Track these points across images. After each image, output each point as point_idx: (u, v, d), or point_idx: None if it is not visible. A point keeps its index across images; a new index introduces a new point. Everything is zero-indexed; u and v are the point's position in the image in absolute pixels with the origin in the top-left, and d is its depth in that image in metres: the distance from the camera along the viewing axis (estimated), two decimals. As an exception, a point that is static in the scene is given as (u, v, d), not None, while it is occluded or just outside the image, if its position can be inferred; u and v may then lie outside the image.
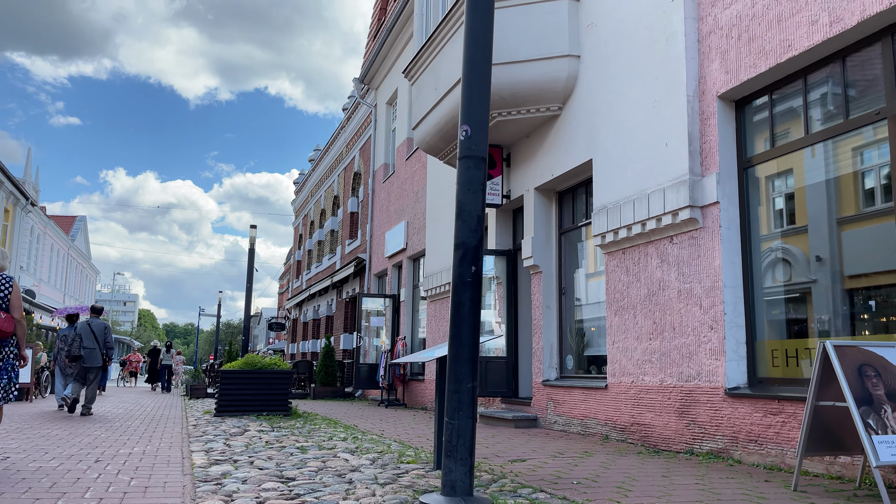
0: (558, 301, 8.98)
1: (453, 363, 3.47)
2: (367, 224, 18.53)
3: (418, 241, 14.13)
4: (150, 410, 11.96)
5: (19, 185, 25.99)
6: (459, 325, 3.48)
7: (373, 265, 17.58)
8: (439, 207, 12.61)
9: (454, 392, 3.43)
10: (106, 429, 8.18)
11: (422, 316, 14.40)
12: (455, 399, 3.42)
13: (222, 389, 10.31)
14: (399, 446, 6.54)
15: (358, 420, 10.01)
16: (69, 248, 50.85)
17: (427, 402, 12.80)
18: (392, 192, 16.33)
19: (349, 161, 21.29)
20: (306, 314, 26.67)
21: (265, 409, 10.36)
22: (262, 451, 6.05)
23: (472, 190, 3.54)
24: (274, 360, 10.75)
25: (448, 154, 10.38)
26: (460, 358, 3.46)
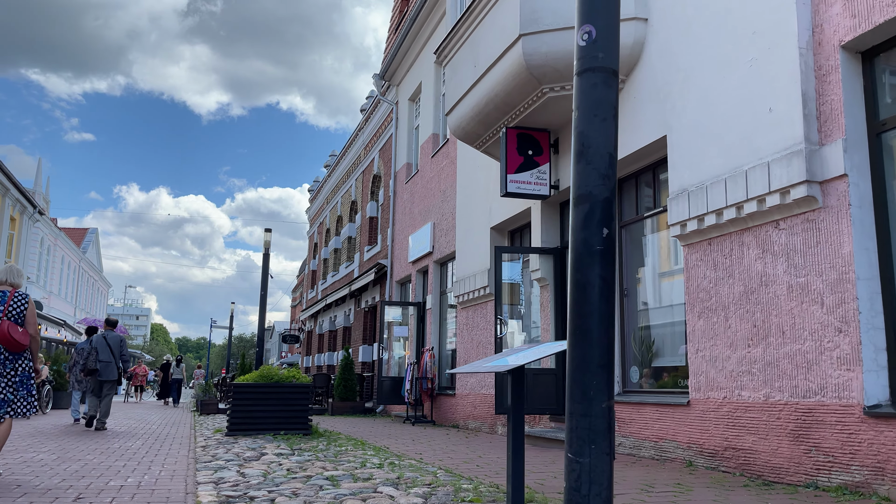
0: (619, 304, 7.82)
1: (577, 372, 2.35)
2: (388, 228, 17.45)
3: (446, 243, 13.03)
4: (156, 428, 10.87)
5: (26, 193, 25.18)
6: (585, 317, 2.35)
7: (395, 272, 16.48)
8: (471, 205, 11.50)
9: (581, 416, 2.30)
10: (102, 451, 7.08)
11: (451, 325, 13.27)
12: (583, 426, 2.29)
13: (235, 405, 9.21)
14: (449, 476, 5.39)
15: (387, 440, 8.86)
16: (80, 260, 50.16)
17: (458, 418, 11.63)
18: (416, 192, 15.26)
19: (368, 163, 20.26)
20: (322, 325, 25.58)
21: (283, 428, 9.23)
22: (283, 482, 4.92)
23: (601, 116, 2.42)
24: (292, 372, 9.65)
25: (487, 141, 9.29)
26: (588, 364, 2.33)
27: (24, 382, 5.29)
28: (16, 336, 5.20)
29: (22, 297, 5.40)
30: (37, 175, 39.69)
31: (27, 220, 26.56)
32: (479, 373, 10.62)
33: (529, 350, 4.28)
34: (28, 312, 5.38)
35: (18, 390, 5.24)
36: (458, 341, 11.88)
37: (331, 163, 26.99)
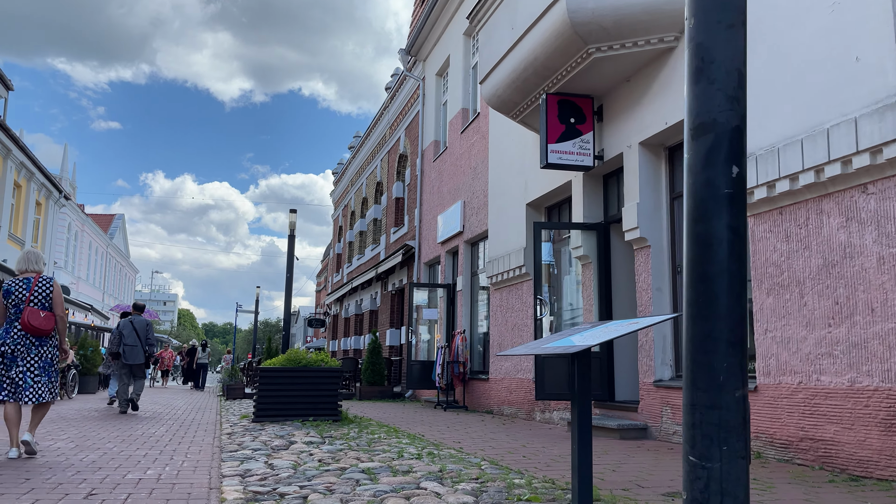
0: (671, 282, 7.25)
1: (700, 351, 1.82)
2: (415, 209, 16.95)
3: (478, 222, 12.50)
4: (181, 413, 10.56)
5: (52, 178, 25.10)
6: (710, 281, 1.82)
7: (422, 253, 16.00)
8: (505, 181, 10.94)
9: (708, 408, 1.77)
10: (123, 439, 6.71)
11: (482, 307, 12.77)
12: (711, 421, 1.76)
13: (262, 390, 8.82)
14: (496, 469, 4.90)
15: (421, 427, 8.42)
16: (108, 246, 50.48)
17: (492, 404, 11.16)
18: (444, 170, 14.72)
19: (393, 143, 19.74)
20: (348, 309, 25.26)
21: (311, 414, 8.83)
22: (316, 475, 4.47)
23: (727, 22, 1.87)
24: (320, 356, 9.23)
25: (525, 110, 8.71)
26: (716, 342, 1.80)
27: (46, 368, 5.42)
28: (35, 323, 5.30)
29: (47, 282, 5.51)
30: (63, 161, 39.85)
31: (53, 205, 26.53)
32: (520, 356, 10.12)
33: (597, 329, 3.75)
34: (54, 295, 5.48)
35: (41, 376, 5.37)
36: (492, 324, 11.38)
37: (355, 144, 26.51)
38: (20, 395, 5.29)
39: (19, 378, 5.29)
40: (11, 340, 5.34)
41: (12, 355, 5.32)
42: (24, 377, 5.30)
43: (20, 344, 5.34)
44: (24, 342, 5.35)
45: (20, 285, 5.46)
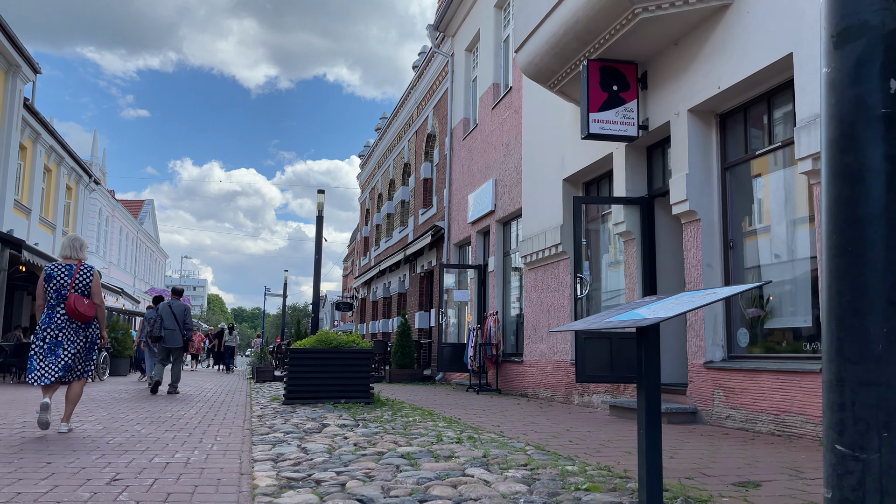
0: (723, 258, 6.81)
1: (849, 314, 1.45)
2: (444, 189, 16.59)
3: (510, 200, 12.11)
4: (211, 395, 10.40)
5: (81, 162, 25.19)
6: (861, 225, 1.45)
7: (452, 234, 15.65)
8: (540, 156, 10.53)
9: (861, 384, 1.41)
10: (152, 421, 6.51)
11: (514, 288, 12.41)
12: (865, 400, 1.40)
13: (292, 372, 8.59)
14: (543, 455, 4.57)
15: (455, 410, 8.12)
16: (138, 231, 50.99)
17: (527, 387, 10.83)
18: (475, 148, 14.33)
19: (421, 122, 19.37)
20: (376, 292, 25.06)
21: (343, 396, 8.59)
22: (352, 460, 4.18)
23: None
24: (352, 337, 8.96)
25: (563, 79, 8.28)
26: (871, 301, 1.43)
27: (90, 350, 5.68)
28: (81, 308, 5.47)
29: (87, 270, 5.67)
30: (93, 147, 40.13)
31: (83, 190, 26.66)
32: (557, 338, 9.76)
33: (667, 301, 3.40)
34: (93, 283, 5.65)
35: (87, 355, 5.65)
36: (526, 304, 11.02)
37: (381, 125, 26.18)
38: (63, 376, 5.48)
39: (63, 361, 5.46)
40: (55, 326, 5.49)
41: (56, 340, 5.48)
42: (70, 359, 5.51)
43: (64, 329, 5.51)
44: (68, 327, 5.52)
45: (62, 271, 5.57)
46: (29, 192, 20.42)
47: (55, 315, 5.49)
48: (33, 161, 20.66)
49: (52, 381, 5.40)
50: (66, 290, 5.52)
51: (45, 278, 5.54)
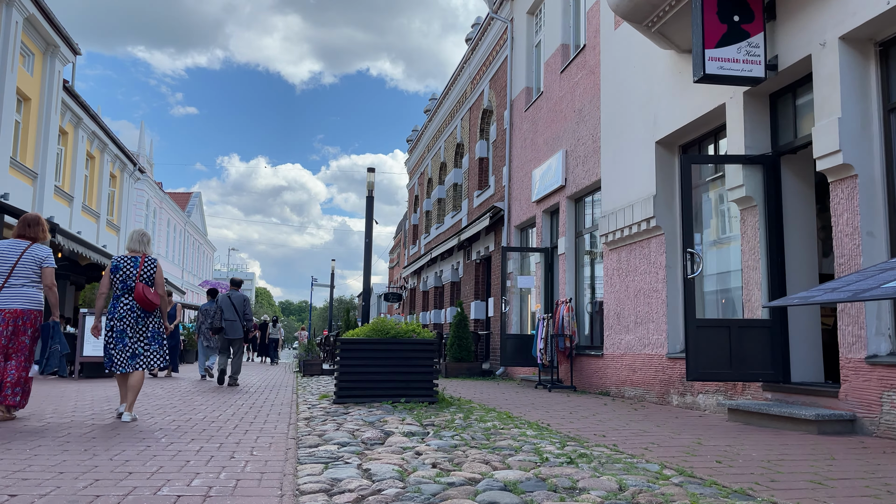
0: (887, 222, 5.34)
1: None
2: (502, 167, 15.25)
3: (584, 172, 10.71)
4: (254, 391, 9.33)
5: (125, 149, 24.65)
6: None
7: (513, 215, 14.31)
8: (624, 119, 9.11)
9: None
10: (179, 426, 5.40)
11: (588, 271, 11.02)
12: None
13: (343, 366, 7.42)
14: (702, 488, 3.24)
15: (537, 412, 6.83)
16: (185, 223, 51.04)
17: (608, 384, 9.46)
18: (540, 119, 12.95)
19: (476, 98, 18.03)
20: (426, 282, 23.89)
21: (402, 394, 7.38)
22: (437, 493, 2.93)
23: None
24: (411, 326, 7.75)
25: (664, 16, 6.87)
26: None
27: (154, 338, 5.78)
28: (149, 296, 5.67)
29: (151, 262, 5.84)
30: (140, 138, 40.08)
31: (128, 178, 26.17)
32: (649, 329, 8.36)
33: None
34: (157, 275, 5.83)
35: (151, 345, 5.74)
36: (607, 290, 9.63)
37: (431, 107, 24.94)
38: (132, 363, 5.62)
39: (129, 349, 5.63)
40: (119, 315, 5.66)
41: (122, 328, 5.65)
42: (136, 347, 5.65)
43: (128, 317, 5.67)
44: (132, 315, 5.68)
45: (128, 263, 5.76)
46: (71, 179, 19.85)
47: (119, 305, 5.69)
48: (75, 147, 20.08)
49: (127, 369, 5.60)
50: (133, 280, 5.71)
51: (112, 269, 5.72)
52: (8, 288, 5.50)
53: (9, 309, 5.47)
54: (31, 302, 5.59)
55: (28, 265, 5.58)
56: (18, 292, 5.53)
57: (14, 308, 5.49)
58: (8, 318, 5.46)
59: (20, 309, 5.52)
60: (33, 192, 16.83)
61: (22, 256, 5.57)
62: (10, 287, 5.50)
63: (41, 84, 17.14)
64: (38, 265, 5.64)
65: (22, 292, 5.54)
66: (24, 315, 5.53)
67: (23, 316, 5.52)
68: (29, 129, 16.67)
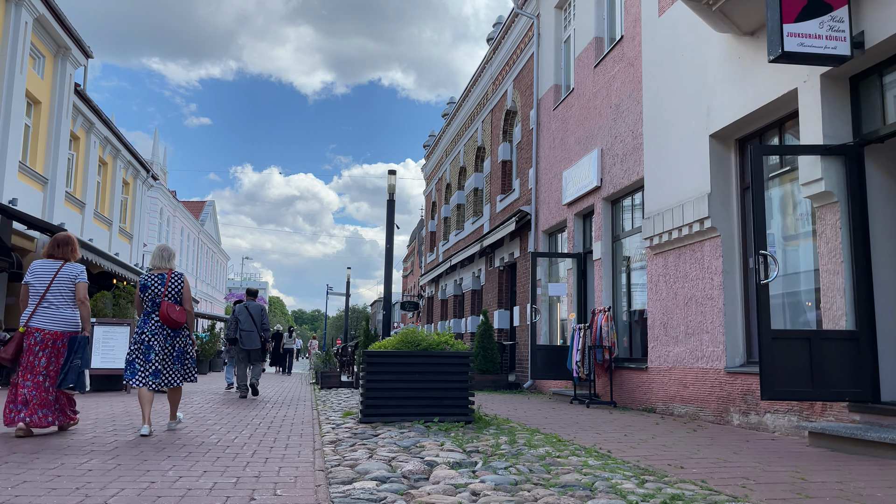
0: None
1: None
2: (528, 169, 14.56)
3: (623, 172, 10.00)
4: (271, 406, 8.67)
5: (138, 156, 24.19)
6: None
7: (540, 219, 13.60)
8: (671, 111, 8.41)
9: None
10: (190, 450, 4.73)
11: (624, 279, 10.28)
12: None
13: (370, 381, 6.73)
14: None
15: (587, 434, 6.11)
16: (199, 232, 50.72)
17: (653, 400, 8.71)
18: (570, 117, 12.26)
19: (498, 99, 17.37)
20: (445, 290, 23.19)
21: (436, 413, 6.69)
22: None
23: None
24: (443, 337, 7.06)
25: (729, -10, 6.17)
26: None
27: (179, 357, 5.82)
28: (173, 315, 5.71)
29: (178, 278, 5.88)
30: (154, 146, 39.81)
31: (141, 185, 25.71)
32: (695, 343, 7.61)
33: None
34: (184, 290, 5.87)
35: (174, 364, 5.79)
36: (652, 298, 8.90)
37: (449, 111, 24.33)
38: (154, 380, 5.66)
39: (153, 366, 5.67)
40: (149, 331, 5.73)
41: (149, 343, 5.71)
42: (159, 365, 5.69)
43: (157, 334, 5.73)
44: (160, 333, 5.74)
45: (155, 280, 5.82)
46: (83, 186, 19.36)
47: (149, 322, 5.76)
48: (87, 152, 19.61)
49: (148, 385, 5.63)
50: (160, 298, 5.77)
51: (141, 288, 5.81)
52: (44, 307, 5.57)
53: (48, 330, 5.55)
54: (69, 324, 5.66)
55: (63, 283, 5.64)
56: (56, 314, 5.60)
57: (54, 330, 5.57)
58: (47, 340, 5.54)
59: (59, 331, 5.60)
60: (43, 197, 16.32)
61: (56, 276, 5.62)
62: (46, 306, 5.57)
63: (52, 87, 16.67)
64: (72, 283, 5.69)
65: (60, 314, 5.61)
66: (63, 337, 5.60)
67: (62, 338, 5.60)
68: (39, 133, 16.18)
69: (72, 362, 5.54)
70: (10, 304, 15.35)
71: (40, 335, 5.49)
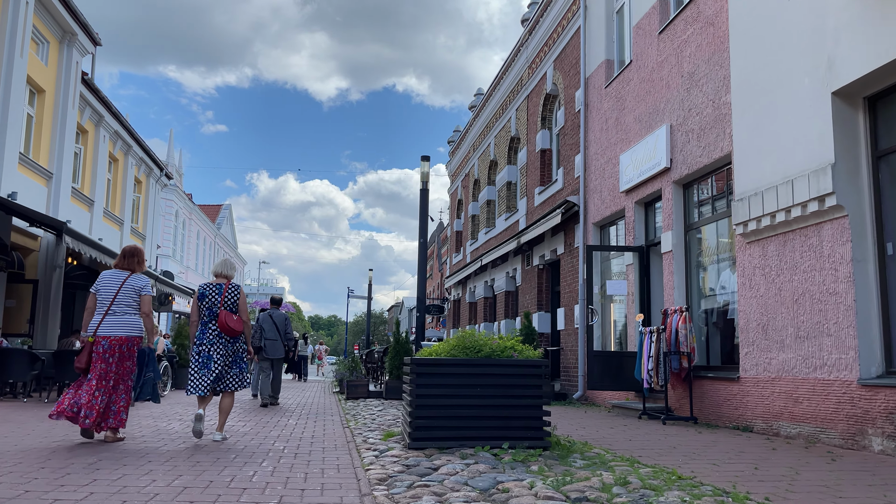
0: None
1: None
2: (574, 156, 13.18)
3: (701, 149, 8.61)
4: (292, 420, 7.34)
5: (151, 153, 23.10)
6: None
7: (590, 209, 12.21)
8: (771, 70, 7.01)
9: None
10: (189, 482, 3.41)
11: (697, 275, 8.87)
12: None
13: (420, 396, 5.38)
14: None
15: (699, 465, 4.72)
16: (215, 235, 49.80)
17: (750, 416, 7.29)
18: (628, 93, 10.88)
19: (536, 83, 16.01)
20: (473, 292, 21.83)
21: (503, 436, 5.33)
22: None
23: None
24: (509, 341, 5.70)
25: None
26: None
27: (236, 362, 6.01)
28: (231, 324, 5.89)
29: (235, 288, 6.09)
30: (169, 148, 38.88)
31: (154, 184, 24.62)
32: (812, 349, 6.18)
33: None
34: (240, 301, 6.07)
35: (232, 368, 5.98)
36: (744, 295, 7.49)
37: (476, 102, 23.01)
38: (213, 385, 5.80)
39: (213, 374, 5.79)
40: (208, 340, 5.89)
41: (208, 354, 5.86)
42: (220, 371, 5.87)
43: (216, 343, 5.88)
44: (219, 341, 5.90)
45: (213, 290, 5.97)
46: (92, 182, 18.25)
47: (207, 331, 5.91)
48: (96, 147, 18.50)
49: (206, 392, 5.78)
50: (217, 307, 5.92)
51: (199, 297, 5.96)
52: (111, 316, 5.74)
53: (114, 336, 5.71)
54: (133, 329, 5.80)
55: (128, 294, 5.81)
56: (121, 320, 5.75)
57: (119, 335, 5.73)
58: (114, 345, 5.70)
59: (125, 336, 5.75)
60: (48, 193, 15.18)
61: (122, 286, 5.80)
62: (112, 315, 5.75)
63: (57, 75, 15.56)
64: (137, 293, 5.85)
65: (124, 320, 5.77)
66: (128, 342, 5.76)
67: (127, 343, 5.76)
68: (43, 124, 15.06)
69: (145, 375, 5.95)
70: (10, 306, 14.19)
71: (107, 343, 5.69)
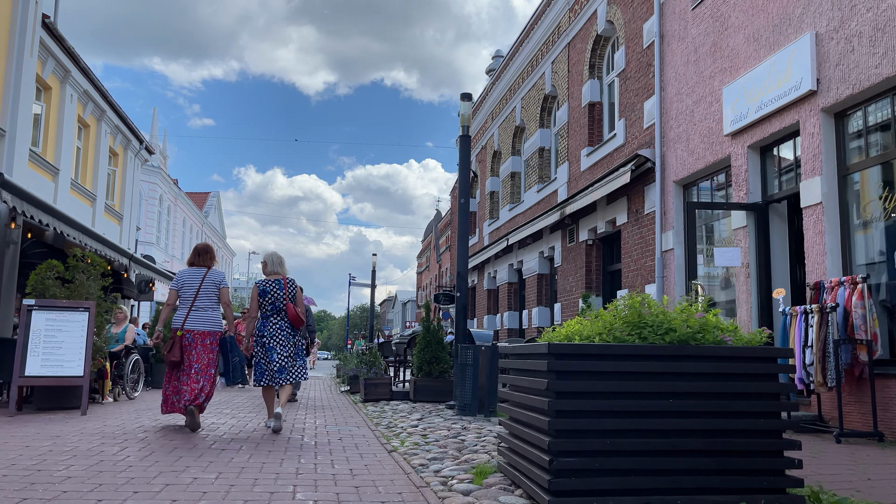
0: None
1: None
2: (644, 101, 10.73)
3: (871, 60, 6.18)
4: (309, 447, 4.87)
5: (128, 121, 20.42)
6: None
7: (668, 165, 9.77)
8: None
9: None
10: None
11: (858, 236, 6.45)
12: None
13: (565, 413, 2.92)
14: None
15: None
16: (203, 224, 47.09)
17: None
18: (731, 9, 8.44)
19: (582, 25, 13.53)
20: (493, 278, 19.37)
21: (718, 486, 2.88)
22: None
23: None
24: (712, 317, 3.26)
25: None
26: None
27: (298, 353, 6.36)
28: (300, 314, 6.29)
29: (293, 283, 6.41)
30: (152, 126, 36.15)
31: (133, 158, 21.95)
32: None
33: None
34: (298, 296, 6.39)
35: (296, 360, 6.28)
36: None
37: (495, 66, 20.51)
38: (277, 378, 6.09)
39: (276, 365, 6.11)
40: (269, 332, 6.21)
41: (270, 345, 6.16)
42: (284, 362, 6.14)
43: (275, 335, 6.20)
44: (280, 334, 6.22)
45: (274, 286, 6.30)
46: (56, 148, 15.61)
47: (268, 324, 6.23)
48: (61, 107, 15.84)
49: (269, 382, 6.10)
50: (282, 302, 6.26)
51: (261, 293, 6.26)
52: (195, 311, 6.12)
53: (197, 330, 6.10)
54: (215, 324, 6.22)
55: (209, 289, 6.20)
56: (205, 316, 6.16)
57: (202, 330, 6.12)
58: (197, 339, 6.09)
59: (208, 331, 6.15)
60: (-2, 154, 12.56)
61: (203, 283, 6.18)
62: (196, 310, 6.13)
63: (11, 17, 12.93)
64: (217, 287, 6.26)
65: (208, 316, 6.18)
66: (210, 336, 6.17)
67: (210, 336, 6.16)
68: (-9, 70, 12.44)
69: (233, 360, 6.35)
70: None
71: (191, 336, 6.07)
